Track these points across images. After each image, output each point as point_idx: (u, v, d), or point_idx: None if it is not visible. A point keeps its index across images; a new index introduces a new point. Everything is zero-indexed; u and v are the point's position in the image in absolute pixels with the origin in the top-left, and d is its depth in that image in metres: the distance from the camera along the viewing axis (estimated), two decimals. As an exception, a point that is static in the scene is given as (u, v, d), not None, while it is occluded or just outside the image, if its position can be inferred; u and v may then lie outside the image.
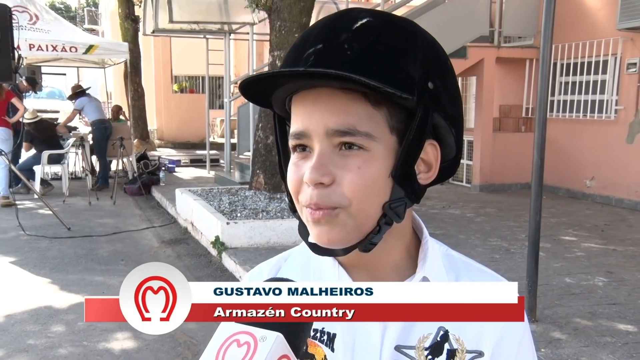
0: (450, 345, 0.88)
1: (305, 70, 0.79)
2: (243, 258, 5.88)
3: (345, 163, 0.80)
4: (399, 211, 0.84)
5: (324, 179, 0.80)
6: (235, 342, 0.66)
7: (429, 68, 0.83)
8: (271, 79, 0.82)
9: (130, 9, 16.24)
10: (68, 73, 23.12)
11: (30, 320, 4.71)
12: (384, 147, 0.81)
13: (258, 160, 7.91)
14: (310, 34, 0.83)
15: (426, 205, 9.15)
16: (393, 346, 0.87)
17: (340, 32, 0.80)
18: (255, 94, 0.87)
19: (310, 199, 0.81)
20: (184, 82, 20.59)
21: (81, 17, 35.21)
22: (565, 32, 9.81)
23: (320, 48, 0.80)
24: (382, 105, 0.81)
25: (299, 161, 0.84)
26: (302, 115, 0.83)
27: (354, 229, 0.83)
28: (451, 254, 0.96)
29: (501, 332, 0.89)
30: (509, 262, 5.99)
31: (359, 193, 0.80)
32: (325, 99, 0.81)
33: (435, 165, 0.87)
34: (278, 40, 7.57)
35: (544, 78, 4.37)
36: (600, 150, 9.77)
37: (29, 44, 10.52)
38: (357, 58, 0.78)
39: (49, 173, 11.40)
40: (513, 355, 0.90)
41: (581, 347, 4.04)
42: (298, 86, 0.83)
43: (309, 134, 0.82)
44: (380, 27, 0.82)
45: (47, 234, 7.40)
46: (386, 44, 0.80)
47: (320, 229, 0.83)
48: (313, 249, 0.86)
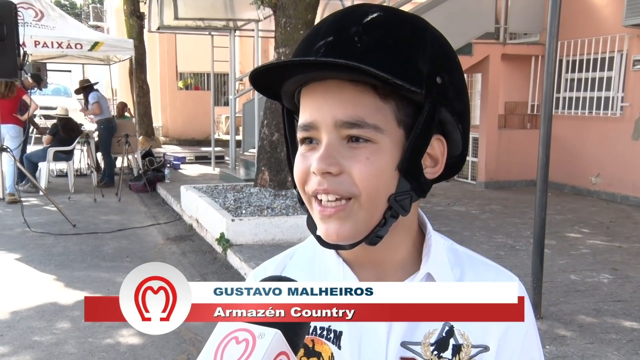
0: (456, 341, 0.88)
1: (316, 59, 0.80)
2: (248, 255, 5.88)
3: (354, 154, 0.81)
4: (405, 204, 0.84)
5: (332, 169, 0.80)
6: (233, 339, 0.66)
7: (438, 63, 0.83)
8: (282, 69, 0.83)
9: (136, 6, 16.26)
10: (73, 70, 23.15)
11: (35, 317, 4.73)
12: (391, 140, 0.82)
13: (263, 157, 7.91)
14: (321, 27, 0.84)
15: (431, 202, 9.14)
16: (399, 342, 0.87)
17: (351, 26, 0.81)
18: (265, 86, 0.88)
19: (318, 185, 0.82)
20: (189, 79, 20.61)
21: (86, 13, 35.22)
22: (571, 29, 9.78)
23: (330, 40, 0.81)
24: (390, 98, 0.81)
25: (307, 152, 0.85)
26: (311, 107, 0.84)
27: (363, 222, 0.83)
28: (456, 249, 0.96)
29: (506, 326, 0.89)
30: (514, 259, 5.98)
31: (369, 183, 0.81)
32: (335, 91, 0.81)
33: (441, 160, 0.88)
34: (283, 37, 7.56)
35: (549, 75, 4.36)
36: (605, 147, 9.74)
37: (34, 40, 10.54)
38: (367, 50, 0.79)
39: (55, 170, 11.44)
40: (518, 349, 0.90)
41: (586, 344, 4.03)
42: (308, 77, 0.83)
43: (317, 126, 0.83)
44: (390, 22, 0.82)
45: (53, 230, 7.42)
46: (396, 38, 0.81)
47: (328, 226, 0.83)
48: (320, 241, 0.87)
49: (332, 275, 0.91)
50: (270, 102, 7.81)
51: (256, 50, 11.38)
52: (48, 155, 9.99)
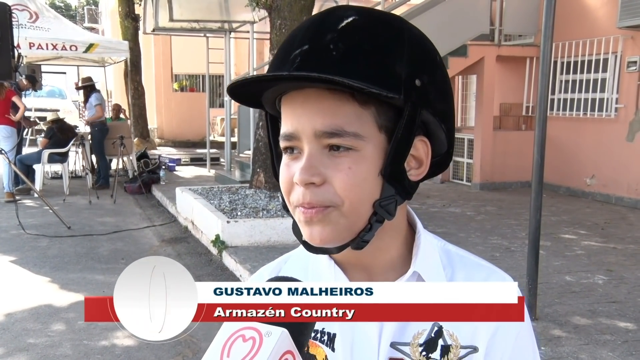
0: (444, 341, 0.88)
1: (290, 74, 0.79)
2: (243, 257, 5.88)
3: (336, 163, 0.81)
4: (390, 209, 0.84)
5: (314, 179, 0.80)
6: (240, 337, 0.66)
7: (416, 65, 0.83)
8: (257, 83, 0.83)
9: (131, 8, 16.23)
10: (68, 72, 23.09)
11: (30, 319, 4.72)
12: (373, 145, 0.82)
13: (258, 158, 7.90)
14: (297, 35, 0.83)
15: (426, 203, 9.15)
16: (389, 343, 0.88)
17: (326, 32, 0.81)
18: (244, 96, 0.88)
19: (303, 198, 0.82)
20: (184, 80, 20.58)
21: (81, 15, 35.15)
22: (566, 30, 9.81)
23: (306, 49, 0.80)
24: (370, 104, 0.81)
25: (290, 162, 0.84)
26: (291, 117, 0.83)
27: (345, 228, 0.83)
28: (449, 249, 0.96)
29: (495, 326, 0.88)
30: (509, 261, 5.99)
31: (351, 192, 0.81)
32: (314, 100, 0.81)
33: (425, 161, 0.88)
34: (278, 38, 7.56)
35: (544, 76, 4.37)
36: (600, 149, 9.76)
37: (29, 42, 10.53)
38: (343, 59, 0.78)
39: (49, 172, 11.41)
40: (509, 349, 0.89)
41: (581, 345, 4.04)
42: (286, 87, 0.83)
43: (298, 136, 0.82)
44: (366, 26, 0.82)
45: (48, 232, 7.40)
46: (372, 42, 0.80)
47: (312, 229, 0.83)
48: (307, 247, 0.87)
49: (324, 277, 0.92)
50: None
51: (251, 52, 11.37)
52: (43, 157, 9.96)
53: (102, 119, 11.11)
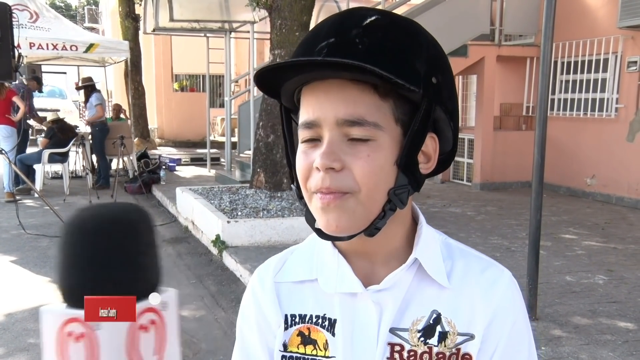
0: (442, 328, 0.91)
1: (324, 59, 0.82)
2: (244, 257, 5.88)
3: (355, 151, 0.84)
4: (403, 197, 0.88)
5: (335, 164, 0.83)
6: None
7: (433, 64, 0.88)
8: (288, 68, 0.86)
9: (131, 8, 16.23)
10: (68, 72, 23.11)
11: (30, 319, 4.71)
12: (389, 136, 0.86)
13: (259, 158, 7.90)
14: (322, 29, 0.87)
15: (427, 203, 9.14)
16: (388, 328, 0.91)
17: (351, 28, 0.85)
18: (267, 84, 0.91)
19: (322, 182, 0.84)
20: (185, 80, 20.58)
21: (81, 15, 35.17)
22: (566, 31, 9.81)
23: (332, 41, 0.84)
24: (389, 97, 0.85)
25: (308, 149, 0.88)
26: (313, 105, 0.87)
27: (361, 216, 0.86)
28: (450, 243, 0.99)
29: (492, 314, 0.91)
30: (509, 261, 5.99)
31: (369, 179, 0.84)
32: (337, 90, 0.84)
33: (434, 156, 0.92)
34: (279, 38, 7.56)
35: (544, 76, 4.37)
36: (600, 149, 9.76)
37: (29, 42, 10.52)
38: (369, 51, 0.82)
39: (50, 172, 11.41)
40: (504, 338, 0.91)
41: (581, 345, 4.04)
42: (310, 77, 0.86)
43: (319, 123, 0.86)
44: (387, 25, 0.86)
45: (48, 232, 7.40)
46: (394, 40, 0.85)
47: (328, 216, 0.86)
48: (319, 233, 0.90)
49: (328, 266, 0.95)
50: (266, 104, 7.81)
51: (251, 52, 11.37)
52: (43, 157, 9.96)
53: (102, 119, 11.10)
